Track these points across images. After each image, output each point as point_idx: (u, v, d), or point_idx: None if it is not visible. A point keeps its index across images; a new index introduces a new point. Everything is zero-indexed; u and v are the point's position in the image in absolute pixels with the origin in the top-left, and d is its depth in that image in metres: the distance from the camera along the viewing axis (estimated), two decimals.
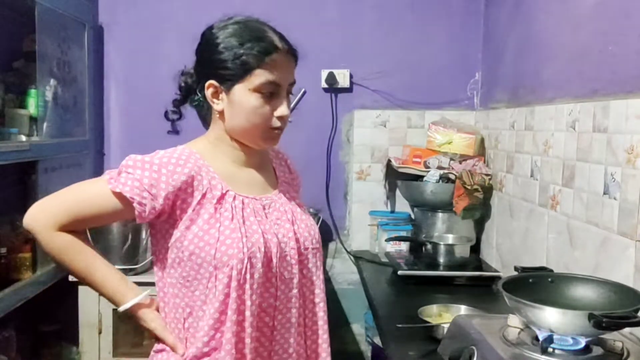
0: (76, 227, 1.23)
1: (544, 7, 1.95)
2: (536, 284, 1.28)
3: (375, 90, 2.72)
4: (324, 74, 2.67)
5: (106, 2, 2.72)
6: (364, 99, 2.73)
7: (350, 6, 2.71)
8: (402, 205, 2.71)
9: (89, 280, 1.26)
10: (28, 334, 2.30)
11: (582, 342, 1.13)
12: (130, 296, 1.25)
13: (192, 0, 2.69)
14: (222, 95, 1.24)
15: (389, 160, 2.60)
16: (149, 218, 1.21)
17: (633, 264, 1.35)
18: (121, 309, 1.25)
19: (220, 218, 1.21)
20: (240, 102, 1.23)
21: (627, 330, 1.21)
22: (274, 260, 1.23)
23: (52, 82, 2.24)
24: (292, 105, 2.65)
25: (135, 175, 1.18)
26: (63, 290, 2.25)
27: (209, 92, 1.26)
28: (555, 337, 1.13)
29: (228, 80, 1.23)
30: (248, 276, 1.18)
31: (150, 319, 1.27)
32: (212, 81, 1.24)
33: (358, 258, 2.58)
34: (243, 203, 1.25)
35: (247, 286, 1.19)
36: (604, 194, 1.48)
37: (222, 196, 1.23)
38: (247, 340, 1.20)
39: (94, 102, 2.65)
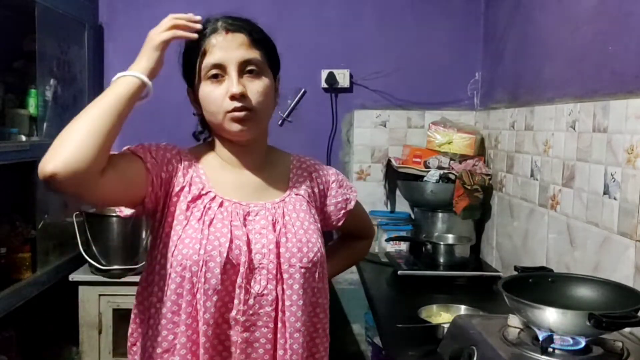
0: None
1: (544, 8, 1.95)
2: (536, 284, 1.28)
3: (375, 90, 2.72)
4: (324, 74, 2.67)
5: (106, 2, 2.72)
6: (364, 99, 2.73)
7: (350, 6, 2.71)
8: (402, 205, 2.71)
9: (95, 110, 1.17)
10: (28, 334, 2.29)
11: (582, 342, 1.13)
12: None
13: (192, 1, 2.68)
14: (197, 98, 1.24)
15: (389, 160, 2.60)
16: (156, 186, 1.16)
17: (633, 264, 1.35)
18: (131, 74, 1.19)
19: (190, 217, 1.17)
20: (200, 96, 1.22)
21: (627, 330, 1.22)
22: (241, 270, 1.14)
23: (52, 81, 2.24)
24: (291, 105, 2.67)
25: (141, 146, 1.21)
26: (63, 290, 2.26)
27: (190, 100, 1.28)
28: (555, 337, 1.13)
29: (190, 80, 1.24)
30: (203, 280, 1.13)
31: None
32: (187, 88, 1.27)
33: None
34: (221, 205, 1.19)
35: (202, 290, 1.13)
36: (604, 194, 1.48)
37: (199, 196, 1.19)
38: (201, 351, 1.15)
39: None
